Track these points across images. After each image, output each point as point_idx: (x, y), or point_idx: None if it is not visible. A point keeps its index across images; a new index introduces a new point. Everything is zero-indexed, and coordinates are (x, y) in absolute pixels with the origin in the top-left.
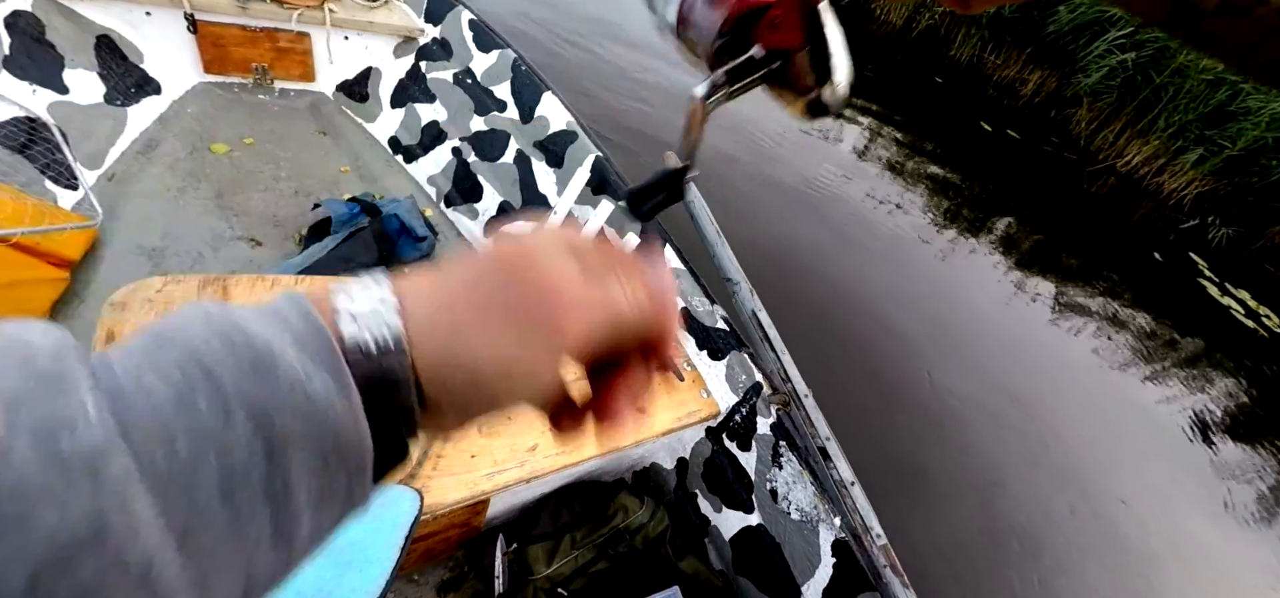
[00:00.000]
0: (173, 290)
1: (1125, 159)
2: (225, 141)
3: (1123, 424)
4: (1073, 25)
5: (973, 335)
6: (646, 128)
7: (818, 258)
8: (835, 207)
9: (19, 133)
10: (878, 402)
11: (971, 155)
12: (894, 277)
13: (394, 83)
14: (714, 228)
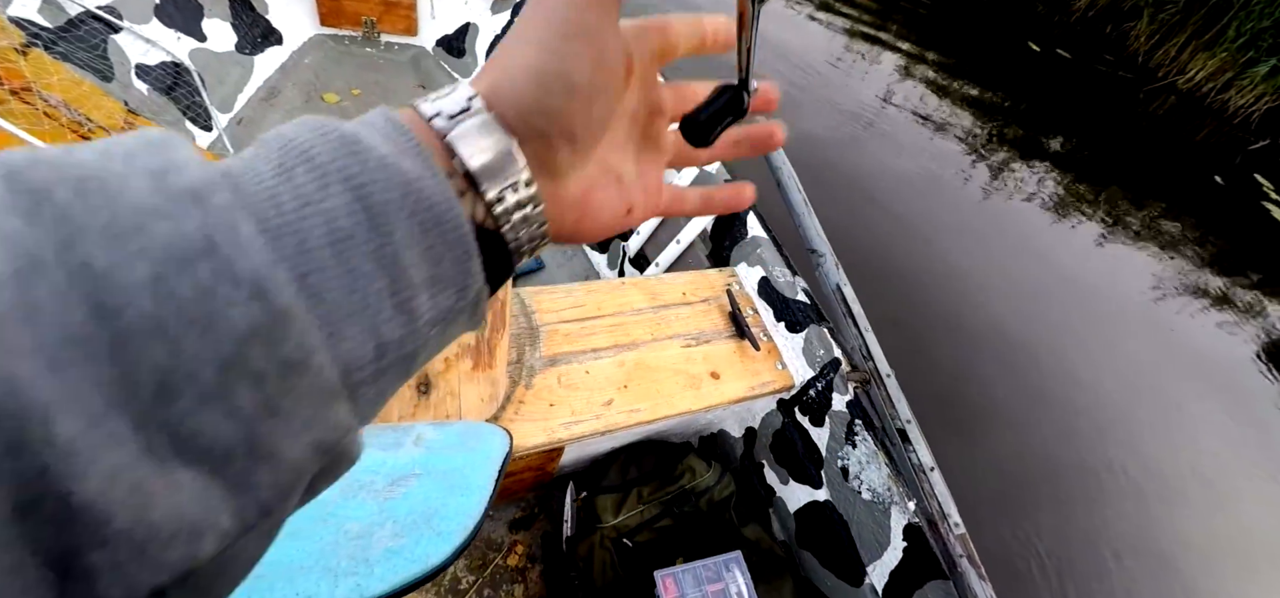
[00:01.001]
0: None
1: (1187, 75)
2: (336, 91)
3: (1182, 356)
4: None
5: (1022, 266)
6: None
7: (854, 189)
8: (874, 137)
9: (166, 76)
10: (913, 337)
11: (1018, 77)
12: (935, 205)
13: (490, 38)
14: (801, 196)
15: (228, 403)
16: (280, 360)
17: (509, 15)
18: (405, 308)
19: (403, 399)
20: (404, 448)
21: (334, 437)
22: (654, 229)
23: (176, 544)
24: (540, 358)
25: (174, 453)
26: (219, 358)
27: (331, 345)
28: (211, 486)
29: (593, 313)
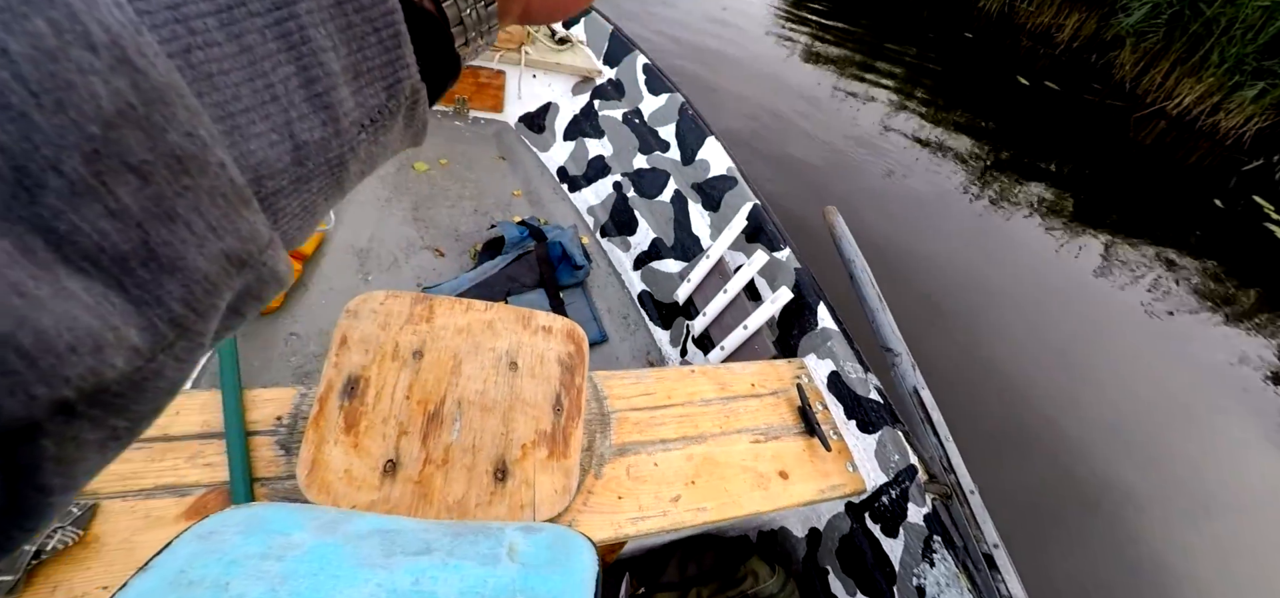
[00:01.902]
0: (391, 304)
1: (1176, 100)
2: (426, 161)
3: (1185, 378)
4: None
5: (1015, 292)
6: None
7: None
8: (864, 171)
9: None
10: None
11: (1008, 110)
12: (927, 232)
13: (569, 118)
14: (875, 291)
15: (108, 200)
16: (166, 153)
17: (587, 97)
18: (323, 103)
19: (480, 486)
20: (501, 563)
21: (248, 249)
22: (721, 311)
23: (77, 357)
24: (610, 447)
25: (56, 256)
26: (84, 144)
27: (235, 141)
28: (110, 294)
29: (662, 401)
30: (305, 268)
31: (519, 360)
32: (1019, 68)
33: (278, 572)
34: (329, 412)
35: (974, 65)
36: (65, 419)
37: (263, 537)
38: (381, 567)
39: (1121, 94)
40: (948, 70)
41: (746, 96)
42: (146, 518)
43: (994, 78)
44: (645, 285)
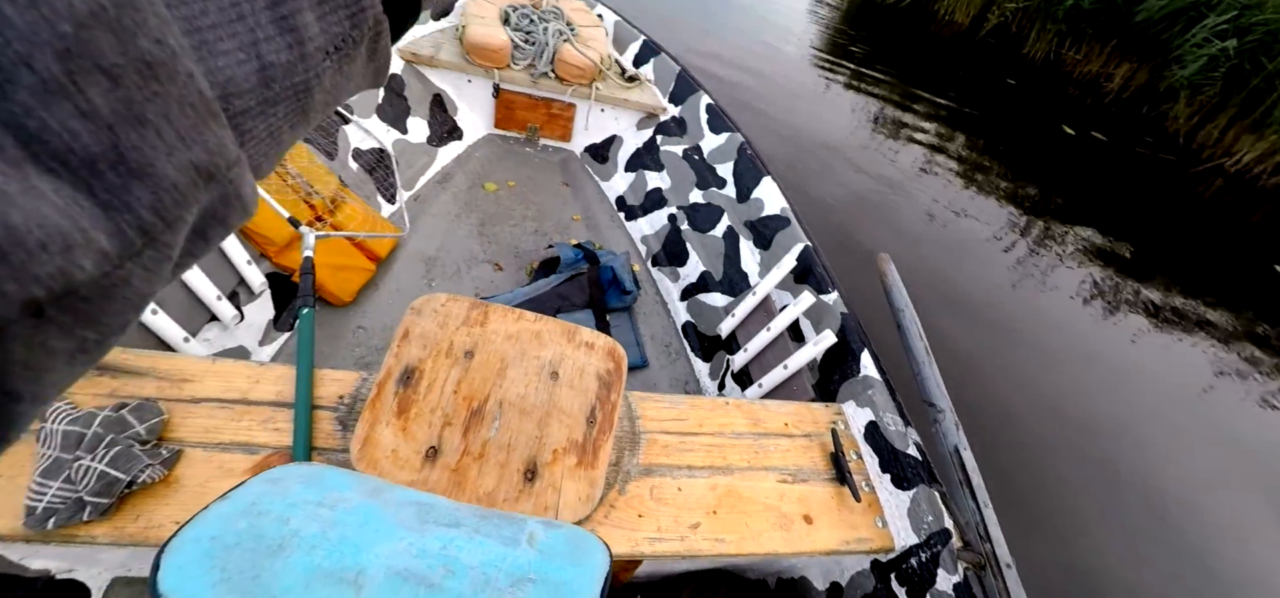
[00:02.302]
0: (451, 306)
1: (1235, 157)
2: (495, 182)
3: (1240, 463)
4: (1165, 12)
5: (1056, 349)
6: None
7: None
8: (900, 210)
9: (372, 158)
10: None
11: (1052, 159)
12: (961, 279)
13: (631, 150)
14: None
15: (78, 100)
16: (137, 58)
17: (651, 132)
18: (289, 26)
19: (510, 483)
20: (521, 546)
21: (216, 162)
22: (763, 349)
23: (47, 256)
24: (637, 465)
25: (25, 154)
26: (56, 42)
27: (203, 56)
28: (79, 197)
29: (693, 428)
30: (378, 269)
31: (560, 371)
32: (1065, 116)
33: (329, 518)
34: (385, 396)
35: (1017, 112)
36: (34, 322)
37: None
38: (415, 530)
39: (1175, 148)
40: (989, 115)
41: (781, 132)
42: (220, 469)
43: (1038, 125)
44: (690, 316)
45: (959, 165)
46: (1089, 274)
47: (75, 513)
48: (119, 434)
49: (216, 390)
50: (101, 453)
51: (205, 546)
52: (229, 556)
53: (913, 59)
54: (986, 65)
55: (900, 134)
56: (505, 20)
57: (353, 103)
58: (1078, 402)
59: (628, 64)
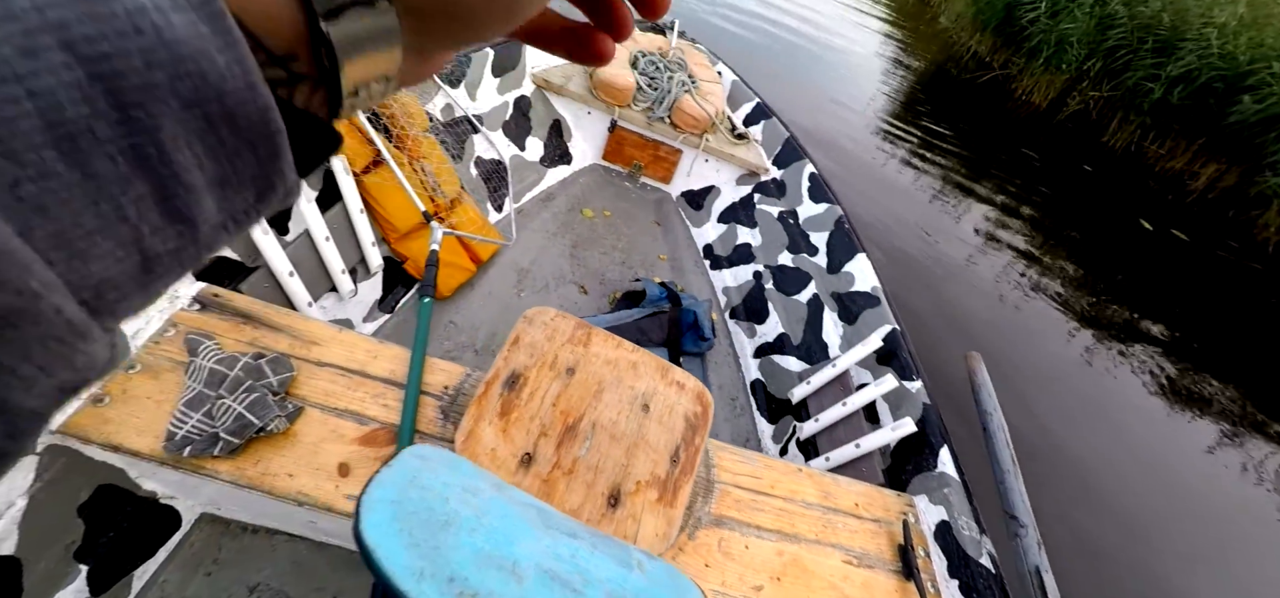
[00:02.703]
0: (559, 322)
1: None
2: (593, 209)
3: None
4: (1260, 116)
5: (1121, 460)
6: None
7: (930, 335)
8: (954, 281)
9: (490, 169)
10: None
11: (1126, 254)
12: (1023, 366)
13: (727, 203)
14: (1010, 453)
15: None
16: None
17: (750, 189)
18: (181, 217)
19: (594, 504)
20: (634, 571)
21: (83, 378)
22: (835, 423)
23: None
24: (708, 514)
25: None
26: None
27: (72, 267)
28: None
29: (766, 489)
30: (478, 271)
31: (651, 405)
32: (1143, 211)
33: (477, 505)
34: (491, 395)
35: (1092, 201)
36: None
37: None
38: (544, 533)
39: (1264, 257)
40: (1061, 199)
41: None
42: (332, 433)
43: (1113, 217)
44: (761, 375)
45: (1025, 240)
46: (1155, 374)
47: (208, 447)
48: (256, 381)
49: (339, 358)
50: (240, 396)
51: (390, 508)
52: (411, 522)
53: (987, 135)
54: (1063, 150)
55: (964, 208)
56: (633, 63)
57: (483, 114)
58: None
59: (738, 121)
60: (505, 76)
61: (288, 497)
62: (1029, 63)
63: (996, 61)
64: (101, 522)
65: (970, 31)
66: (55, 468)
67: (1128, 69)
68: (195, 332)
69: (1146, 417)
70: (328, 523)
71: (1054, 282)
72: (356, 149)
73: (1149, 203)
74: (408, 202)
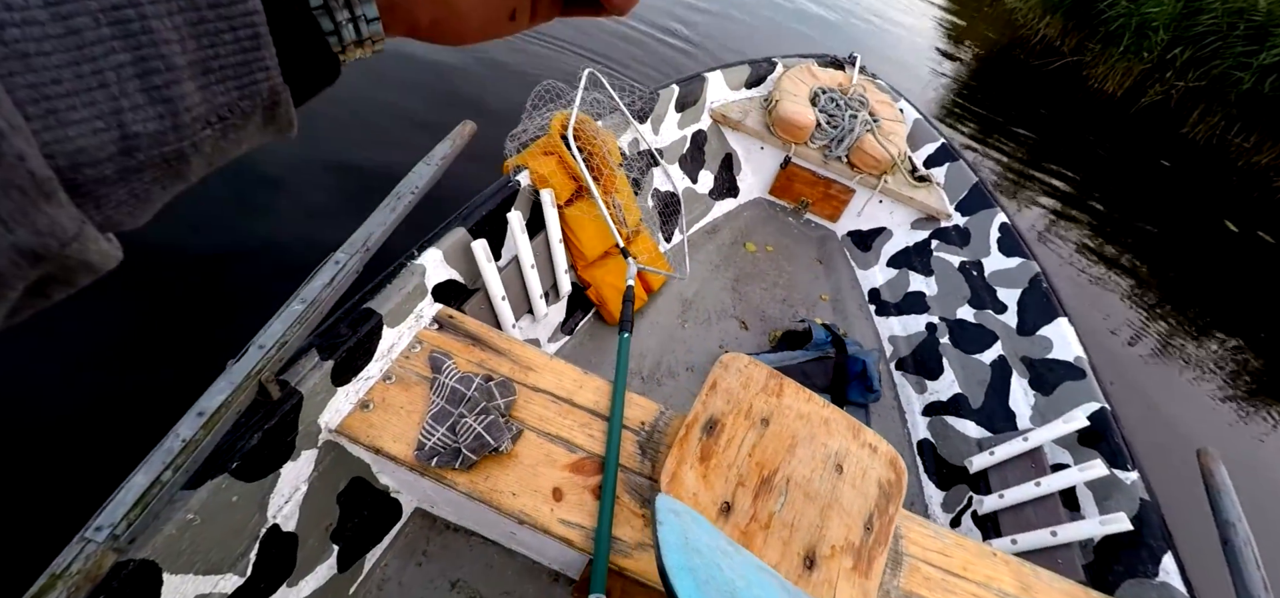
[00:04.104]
0: (752, 370)
1: None
2: (755, 242)
3: None
4: None
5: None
6: None
7: None
8: None
9: (665, 200)
10: None
11: (1205, 254)
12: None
13: (899, 247)
14: (1260, 575)
15: None
16: None
17: (927, 235)
18: (161, 96)
19: (790, 564)
20: None
21: (45, 244)
22: (1023, 503)
23: None
24: (898, 589)
25: None
26: None
27: (45, 127)
28: None
29: (957, 570)
30: (649, 299)
31: (845, 466)
32: (1228, 210)
33: (737, 566)
34: (691, 439)
35: (1170, 198)
36: None
37: (712, 538)
38: None
39: None
40: (1135, 194)
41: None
42: (546, 456)
43: (1193, 216)
44: (930, 436)
45: (1094, 234)
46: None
47: (451, 460)
48: (488, 403)
49: (550, 385)
50: (478, 416)
51: (689, 576)
52: (707, 589)
53: (1056, 124)
54: (1139, 141)
55: (1027, 198)
56: (813, 100)
57: (663, 148)
58: None
59: (919, 162)
60: (686, 112)
61: (512, 514)
62: (1105, 49)
63: (1068, 46)
64: (352, 509)
65: (1039, 13)
66: (327, 461)
67: (1216, 57)
68: (437, 350)
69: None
70: (525, 535)
71: (1123, 280)
72: (562, 183)
73: (1232, 201)
74: (597, 232)
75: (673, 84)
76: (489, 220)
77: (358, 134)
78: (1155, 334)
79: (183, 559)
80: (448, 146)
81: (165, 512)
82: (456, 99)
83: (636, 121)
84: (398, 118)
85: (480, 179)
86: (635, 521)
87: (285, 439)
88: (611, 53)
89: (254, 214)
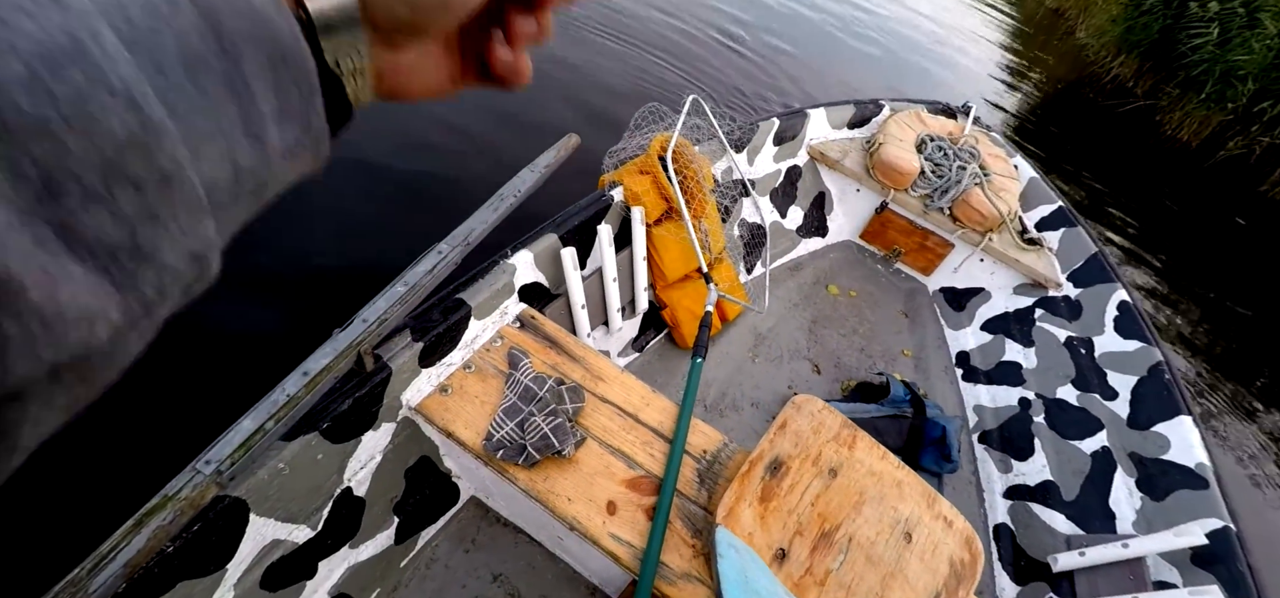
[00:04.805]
0: (825, 416)
1: None
2: (838, 286)
3: None
4: None
5: None
6: None
7: None
8: None
9: (752, 232)
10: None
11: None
12: None
13: (997, 311)
14: None
15: (112, 205)
16: (157, 170)
17: (1030, 302)
18: (256, 136)
19: None
20: None
21: (204, 248)
22: None
23: (77, 328)
24: None
25: (63, 246)
26: (101, 162)
27: (195, 163)
28: (102, 281)
29: None
30: (722, 328)
31: (914, 535)
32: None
33: None
34: (753, 477)
35: (1244, 257)
36: (50, 382)
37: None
38: None
39: None
40: (1206, 255)
41: None
42: (605, 468)
43: (1267, 279)
44: (1010, 521)
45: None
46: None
47: (515, 455)
48: (558, 406)
49: (617, 398)
50: (547, 417)
51: None
52: None
53: (1120, 170)
54: (1213, 196)
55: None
56: (919, 147)
57: (756, 179)
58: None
59: (1030, 224)
60: (784, 145)
61: (564, 518)
62: (1184, 94)
63: (1141, 88)
64: (415, 485)
65: (1113, 51)
66: (403, 436)
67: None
68: (516, 347)
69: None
70: (572, 543)
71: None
72: (653, 202)
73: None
74: (681, 255)
75: (773, 117)
76: (580, 230)
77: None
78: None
79: (268, 504)
80: (552, 156)
81: (262, 458)
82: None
83: (733, 150)
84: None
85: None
86: (685, 549)
87: (370, 409)
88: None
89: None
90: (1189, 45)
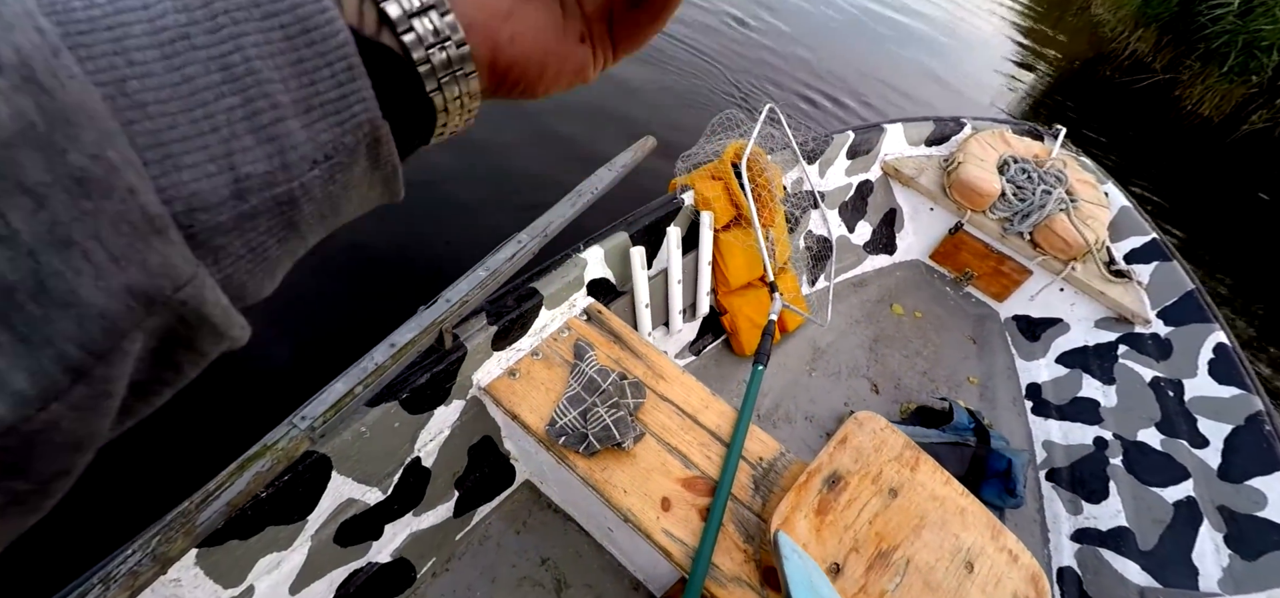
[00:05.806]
0: (888, 434)
1: None
2: (903, 306)
3: None
4: None
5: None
6: None
7: None
8: None
9: (818, 243)
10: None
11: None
12: None
13: (1075, 344)
14: None
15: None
16: (66, 176)
17: (1113, 337)
18: (268, 135)
19: None
20: None
21: (157, 284)
22: None
23: None
24: None
25: None
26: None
27: (162, 173)
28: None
29: None
30: (781, 338)
31: (976, 565)
32: None
33: None
34: (811, 489)
35: (1269, 233)
36: None
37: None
38: None
39: None
40: (1228, 230)
41: None
42: (661, 466)
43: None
44: (1077, 565)
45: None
46: None
47: (577, 443)
48: (620, 399)
49: (678, 397)
50: (609, 409)
51: None
52: None
53: (1138, 147)
54: (1236, 172)
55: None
56: (1001, 168)
57: (826, 192)
58: None
59: (1119, 255)
60: (857, 160)
61: (619, 509)
62: (1204, 68)
63: (1160, 63)
64: (476, 463)
65: (1130, 26)
66: (470, 414)
67: None
68: (582, 339)
69: None
70: (621, 536)
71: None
72: (723, 208)
73: None
74: (746, 263)
75: (849, 130)
76: (649, 231)
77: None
78: None
79: (348, 464)
80: (629, 156)
81: (348, 420)
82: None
83: (805, 162)
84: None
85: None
86: (736, 553)
87: (444, 385)
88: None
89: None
90: (1209, 16)
